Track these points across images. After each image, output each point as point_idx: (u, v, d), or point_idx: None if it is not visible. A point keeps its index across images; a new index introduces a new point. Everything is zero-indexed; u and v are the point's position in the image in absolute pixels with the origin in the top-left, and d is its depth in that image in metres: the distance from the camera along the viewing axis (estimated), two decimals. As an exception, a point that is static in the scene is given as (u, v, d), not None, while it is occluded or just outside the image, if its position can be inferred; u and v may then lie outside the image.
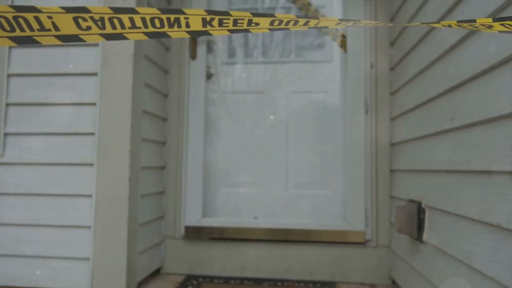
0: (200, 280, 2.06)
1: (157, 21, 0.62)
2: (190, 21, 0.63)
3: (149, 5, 1.95)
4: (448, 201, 1.29)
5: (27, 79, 1.82)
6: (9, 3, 1.83)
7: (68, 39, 0.62)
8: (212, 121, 2.32)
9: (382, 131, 2.10)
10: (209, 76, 2.31)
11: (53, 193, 1.76)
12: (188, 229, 2.16)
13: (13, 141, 1.81)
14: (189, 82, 2.25)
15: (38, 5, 0.60)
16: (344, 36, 2.22)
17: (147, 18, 0.62)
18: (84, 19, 0.60)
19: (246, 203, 2.27)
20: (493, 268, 0.99)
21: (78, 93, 1.79)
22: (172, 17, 0.62)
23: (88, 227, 1.73)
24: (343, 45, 2.23)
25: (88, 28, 0.61)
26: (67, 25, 0.60)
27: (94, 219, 1.71)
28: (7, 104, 1.82)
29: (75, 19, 0.60)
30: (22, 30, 0.61)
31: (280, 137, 2.27)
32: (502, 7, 1.01)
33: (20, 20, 0.60)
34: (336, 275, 2.07)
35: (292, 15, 0.66)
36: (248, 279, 2.08)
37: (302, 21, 0.66)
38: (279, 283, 2.02)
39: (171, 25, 0.63)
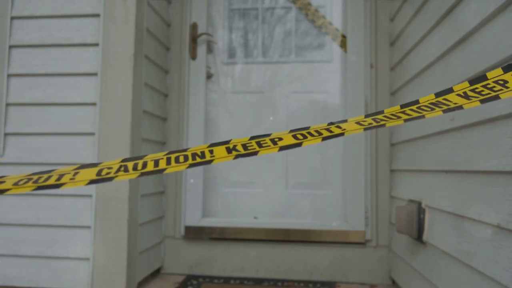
0: (200, 280, 2.06)
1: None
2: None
3: (149, 5, 1.95)
4: (448, 201, 1.29)
5: (27, 79, 1.82)
6: (9, 3, 1.83)
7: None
8: (212, 121, 2.32)
9: (382, 131, 2.10)
10: (209, 76, 2.31)
11: (53, 193, 1.76)
12: (188, 229, 2.16)
13: (13, 141, 1.81)
14: (189, 82, 2.25)
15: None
16: (344, 36, 2.22)
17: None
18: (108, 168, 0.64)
19: (246, 203, 2.27)
20: (493, 268, 0.99)
21: (78, 93, 1.79)
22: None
23: (88, 227, 1.73)
24: (343, 45, 2.23)
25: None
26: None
27: (94, 219, 1.72)
28: (7, 104, 1.82)
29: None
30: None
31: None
32: (502, 7, 1.01)
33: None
34: (336, 275, 2.07)
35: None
36: (248, 279, 2.08)
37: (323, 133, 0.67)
38: (279, 283, 2.02)
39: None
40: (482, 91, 0.62)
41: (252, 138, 0.68)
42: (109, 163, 0.65)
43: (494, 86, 0.61)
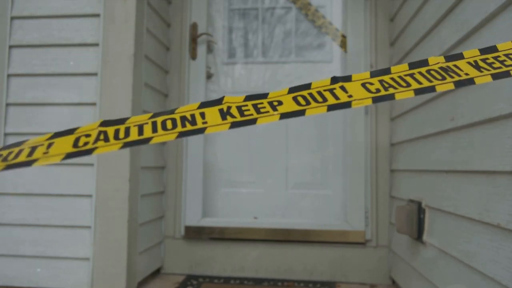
0: (200, 280, 2.06)
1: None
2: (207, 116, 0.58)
3: (149, 5, 1.95)
4: (448, 201, 1.29)
5: (27, 79, 1.82)
6: (9, 3, 1.83)
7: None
8: (212, 121, 2.32)
9: (382, 131, 2.10)
10: (209, 76, 2.31)
11: (53, 193, 1.76)
12: (188, 229, 2.16)
13: (13, 141, 1.81)
14: (189, 82, 2.25)
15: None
16: (344, 36, 2.22)
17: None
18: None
19: (246, 203, 2.27)
20: (493, 268, 0.99)
21: (78, 93, 1.79)
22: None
23: (88, 227, 1.73)
24: (343, 45, 2.23)
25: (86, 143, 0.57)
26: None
27: (94, 219, 1.72)
28: (7, 104, 1.82)
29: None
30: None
31: (280, 137, 2.27)
32: (502, 7, 1.01)
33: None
34: (336, 275, 2.07)
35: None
36: (248, 279, 2.08)
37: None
38: (279, 283, 2.02)
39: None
40: (493, 63, 0.59)
41: (247, 98, 0.61)
42: (86, 128, 0.57)
43: (505, 60, 0.59)
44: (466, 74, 0.59)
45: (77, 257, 1.73)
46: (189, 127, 0.56)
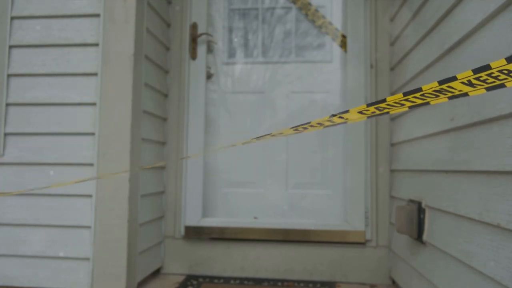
0: (200, 280, 2.06)
1: None
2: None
3: (149, 5, 1.95)
4: (448, 201, 1.29)
5: (27, 79, 1.82)
6: (9, 3, 1.83)
7: None
8: (212, 121, 2.32)
9: (382, 131, 2.10)
10: (209, 76, 2.31)
11: (53, 193, 1.76)
12: (188, 229, 2.16)
13: (13, 141, 1.81)
14: (189, 82, 2.25)
15: None
16: (344, 36, 2.22)
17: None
18: None
19: (246, 203, 2.27)
20: (493, 268, 0.99)
21: (78, 93, 1.79)
22: None
23: (88, 227, 1.73)
24: (343, 45, 2.23)
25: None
26: None
27: (94, 219, 1.72)
28: (7, 104, 1.82)
29: None
30: None
31: (280, 137, 2.27)
32: (502, 7, 1.01)
33: None
34: (336, 275, 2.07)
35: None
36: (248, 279, 2.08)
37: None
38: (279, 283, 2.02)
39: None
40: (487, 79, 0.61)
41: (255, 139, 0.67)
42: None
43: (499, 75, 0.60)
44: (460, 91, 0.62)
45: (77, 257, 1.73)
46: None
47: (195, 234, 2.15)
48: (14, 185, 1.79)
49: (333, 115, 0.67)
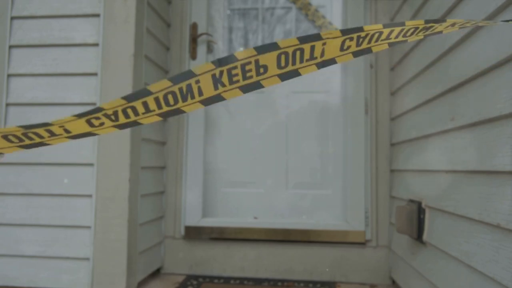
0: (200, 280, 2.06)
1: (170, 97, 0.62)
2: (201, 85, 0.62)
3: (149, 5, 1.95)
4: (448, 201, 1.29)
5: (27, 79, 1.82)
6: (9, 3, 1.83)
7: (81, 136, 0.63)
8: (212, 121, 2.32)
9: (382, 131, 2.10)
10: (209, 76, 2.31)
11: (53, 193, 1.76)
12: (188, 229, 2.16)
13: (13, 141, 1.81)
14: (189, 82, 2.25)
15: (49, 120, 0.63)
16: (344, 36, 2.22)
17: (160, 96, 0.61)
18: (97, 118, 0.61)
19: (246, 203, 2.27)
20: (493, 268, 0.99)
21: (78, 93, 1.79)
22: (184, 86, 0.61)
23: (88, 227, 1.73)
24: (343, 45, 2.22)
25: (102, 124, 0.62)
26: (79, 127, 0.63)
27: (94, 219, 1.71)
28: (7, 104, 1.82)
29: (88, 121, 0.61)
30: (32, 139, 0.65)
31: (280, 137, 2.27)
32: (502, 7, 1.01)
33: (30, 134, 0.64)
34: (336, 275, 2.07)
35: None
36: (248, 279, 2.08)
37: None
38: (279, 283, 2.02)
39: (184, 97, 0.62)
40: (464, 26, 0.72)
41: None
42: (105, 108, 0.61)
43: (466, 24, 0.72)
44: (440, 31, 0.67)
45: (77, 257, 1.73)
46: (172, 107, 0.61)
47: (195, 234, 2.15)
48: (14, 185, 1.79)
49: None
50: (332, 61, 0.64)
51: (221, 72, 0.62)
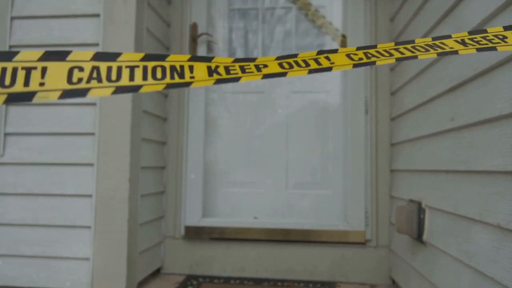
0: (200, 280, 2.06)
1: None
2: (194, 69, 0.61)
3: (149, 5, 1.95)
4: (448, 201, 1.29)
5: (27, 79, 1.82)
6: (9, 3, 1.83)
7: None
8: (212, 121, 2.32)
9: (382, 131, 2.10)
10: (209, 76, 2.31)
11: (53, 193, 1.76)
12: (188, 229, 2.16)
13: (13, 141, 1.81)
14: (189, 82, 2.25)
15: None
16: (344, 36, 2.22)
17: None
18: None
19: (246, 203, 2.27)
20: (493, 268, 0.99)
21: (78, 93, 1.78)
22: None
23: (88, 227, 1.73)
24: (343, 45, 2.23)
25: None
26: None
27: (94, 219, 1.71)
28: (7, 104, 1.82)
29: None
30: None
31: (280, 137, 2.27)
32: (502, 7, 1.01)
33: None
34: (336, 275, 2.07)
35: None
36: (248, 279, 2.08)
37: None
38: (279, 283, 2.02)
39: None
40: (480, 41, 0.62)
41: (236, 61, 0.63)
42: (79, 57, 0.57)
43: (493, 39, 0.61)
44: (451, 48, 0.63)
45: (77, 257, 1.73)
46: (177, 79, 0.58)
47: (195, 234, 2.15)
48: (14, 185, 1.79)
49: (321, 52, 0.65)
50: (329, 69, 0.64)
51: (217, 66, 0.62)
